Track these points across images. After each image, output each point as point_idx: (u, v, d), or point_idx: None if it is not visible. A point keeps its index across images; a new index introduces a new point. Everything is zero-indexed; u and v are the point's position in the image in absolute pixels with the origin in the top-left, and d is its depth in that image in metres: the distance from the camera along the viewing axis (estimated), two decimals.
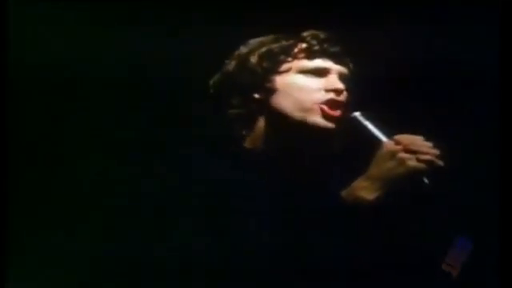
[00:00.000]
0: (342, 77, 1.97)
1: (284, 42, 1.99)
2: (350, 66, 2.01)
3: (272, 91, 1.96)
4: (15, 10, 2.44)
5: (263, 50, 1.98)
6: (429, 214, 2.37)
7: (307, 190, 1.89)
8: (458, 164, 1.90)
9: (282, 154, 1.95)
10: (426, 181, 1.80)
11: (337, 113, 1.92)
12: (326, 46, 1.97)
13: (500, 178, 2.28)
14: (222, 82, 2.01)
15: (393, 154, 1.81)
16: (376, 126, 1.89)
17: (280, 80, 1.96)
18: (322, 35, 1.99)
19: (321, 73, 1.96)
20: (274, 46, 1.98)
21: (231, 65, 2.01)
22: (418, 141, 1.83)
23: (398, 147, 1.81)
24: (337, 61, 1.98)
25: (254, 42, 2.02)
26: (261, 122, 1.98)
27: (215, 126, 2.02)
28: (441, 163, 1.80)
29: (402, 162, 1.79)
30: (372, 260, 1.86)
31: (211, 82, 2.03)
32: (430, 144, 1.82)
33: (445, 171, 1.80)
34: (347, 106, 1.94)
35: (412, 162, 1.79)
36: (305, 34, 2.00)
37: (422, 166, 1.79)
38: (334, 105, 1.92)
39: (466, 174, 2.49)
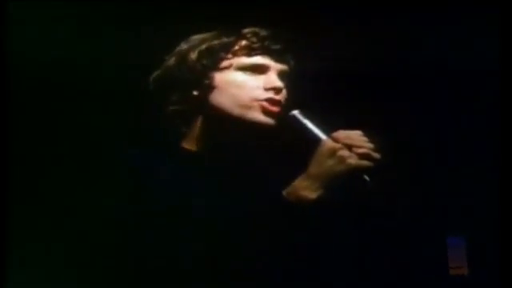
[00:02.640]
0: (281, 74, 1.95)
1: (225, 39, 1.96)
2: (291, 63, 1.99)
3: (211, 88, 1.94)
4: (15, 9, 2.44)
5: (203, 46, 1.96)
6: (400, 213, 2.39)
7: (247, 188, 1.88)
8: (395, 161, 1.90)
9: (221, 152, 1.93)
10: (366, 178, 1.78)
11: (276, 108, 1.91)
12: (266, 43, 1.95)
13: (500, 178, 2.29)
14: (162, 78, 1.99)
15: (332, 152, 1.79)
16: (315, 124, 1.87)
17: (219, 77, 1.94)
18: (262, 32, 1.97)
19: (260, 70, 1.94)
20: (215, 42, 1.96)
21: (171, 61, 1.99)
22: (353, 135, 1.81)
23: (338, 145, 1.79)
24: (277, 58, 1.96)
25: (194, 38, 2.00)
26: (200, 120, 1.96)
27: (155, 123, 2.00)
28: (377, 155, 1.78)
29: (342, 159, 1.78)
30: (318, 259, 1.86)
31: (151, 78, 2.00)
32: (365, 138, 1.81)
33: (386, 169, 1.79)
34: (286, 104, 1.92)
35: (352, 160, 1.77)
36: (245, 30, 1.97)
37: (362, 163, 1.77)
38: (272, 103, 1.91)
39: (466, 174, 2.50)
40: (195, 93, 1.95)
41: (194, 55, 1.96)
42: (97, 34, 2.51)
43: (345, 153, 1.78)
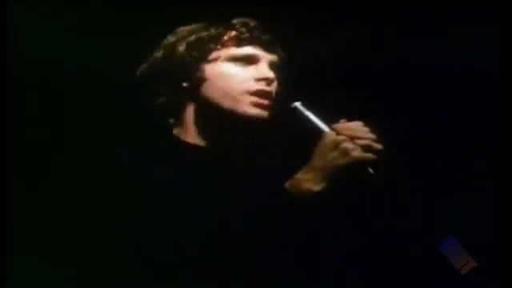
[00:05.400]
0: (272, 65, 1.94)
1: (213, 31, 1.94)
2: (281, 54, 1.97)
3: (201, 80, 1.92)
4: (15, 9, 2.43)
5: (191, 38, 1.94)
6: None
7: (249, 181, 1.86)
8: (401, 154, 1.89)
9: (212, 144, 1.92)
10: (370, 171, 1.76)
11: (266, 102, 1.89)
12: (256, 33, 1.93)
13: (500, 178, 2.29)
14: (150, 70, 1.96)
15: (336, 144, 1.77)
16: (317, 115, 1.85)
17: (209, 68, 1.92)
18: (251, 23, 1.95)
19: (251, 61, 1.92)
20: (203, 34, 1.94)
21: (159, 53, 1.96)
22: (354, 126, 1.80)
23: (341, 137, 1.77)
24: (267, 49, 1.94)
25: (181, 30, 1.98)
26: (190, 112, 1.94)
27: (143, 116, 1.99)
28: (379, 146, 1.77)
29: (346, 152, 1.76)
30: (322, 252, 1.86)
31: (139, 71, 1.98)
32: (366, 129, 1.79)
33: (389, 162, 1.77)
34: (277, 95, 1.91)
35: (356, 153, 1.75)
36: (234, 21, 1.95)
37: (366, 156, 1.76)
38: (263, 94, 1.89)
39: (466, 174, 2.50)
40: (185, 84, 1.93)
41: (182, 47, 1.93)
42: (97, 33, 2.51)
43: (349, 145, 1.76)
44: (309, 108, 1.87)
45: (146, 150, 1.90)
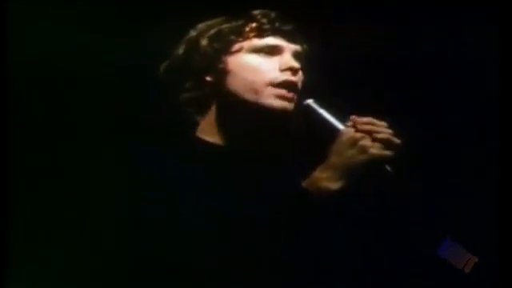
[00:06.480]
0: (296, 55, 1.91)
1: (234, 23, 1.92)
2: (304, 45, 1.94)
3: (224, 72, 1.89)
4: (15, 9, 2.44)
5: (212, 31, 1.92)
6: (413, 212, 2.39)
7: (266, 180, 1.84)
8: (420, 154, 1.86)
9: (238, 142, 1.89)
10: (388, 169, 1.74)
11: (291, 94, 1.86)
12: (277, 24, 1.91)
13: (499, 179, 2.29)
14: (173, 66, 1.95)
15: (353, 142, 1.74)
16: (330, 112, 1.83)
17: (232, 61, 1.89)
18: (272, 14, 1.92)
19: (274, 51, 1.89)
20: (224, 26, 1.92)
21: (181, 49, 1.95)
22: (371, 121, 1.78)
23: (359, 134, 1.75)
24: (290, 39, 1.91)
25: (202, 25, 1.96)
26: (214, 106, 1.92)
27: (168, 112, 1.98)
28: (397, 141, 1.75)
29: (364, 149, 1.73)
30: (341, 251, 1.85)
31: (162, 67, 1.97)
32: (384, 123, 1.77)
33: (407, 159, 1.76)
34: (302, 87, 1.88)
35: (374, 150, 1.73)
36: (255, 12, 1.93)
37: (384, 153, 1.73)
38: (288, 85, 1.86)
39: (466, 174, 2.50)
40: (208, 78, 1.91)
41: (204, 41, 1.92)
42: (97, 31, 2.51)
43: (367, 142, 1.74)
44: (321, 104, 1.84)
45: (159, 149, 1.87)
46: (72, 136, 2.53)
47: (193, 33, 1.96)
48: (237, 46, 1.90)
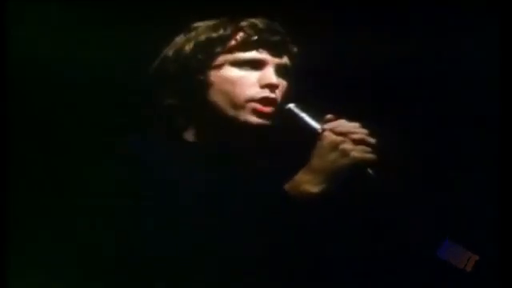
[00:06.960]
0: (279, 69, 1.91)
1: (222, 31, 1.91)
2: (290, 57, 1.94)
3: (206, 85, 1.90)
4: (15, 9, 2.44)
5: (200, 38, 1.92)
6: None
7: (248, 183, 1.85)
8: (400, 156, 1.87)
9: (220, 147, 1.91)
10: (370, 172, 1.76)
11: (269, 109, 1.87)
12: (265, 35, 1.90)
13: (499, 179, 2.29)
14: (161, 68, 1.95)
15: (334, 146, 1.76)
16: (312, 116, 1.85)
17: (214, 73, 1.90)
18: (260, 24, 1.91)
19: (257, 65, 1.89)
20: (212, 35, 1.91)
21: (169, 52, 1.95)
22: (343, 122, 1.80)
23: (340, 138, 1.76)
24: (275, 52, 1.91)
25: (192, 27, 1.96)
26: (194, 114, 1.93)
27: (156, 114, 1.97)
28: (372, 140, 1.76)
29: (345, 152, 1.75)
30: (322, 254, 1.86)
31: (152, 68, 1.98)
32: (356, 124, 1.78)
33: (389, 162, 1.77)
34: (282, 100, 1.89)
35: (356, 153, 1.74)
36: (243, 23, 1.92)
37: (366, 156, 1.75)
38: (267, 101, 1.87)
39: (466, 174, 2.50)
40: (190, 88, 1.91)
41: (189, 47, 1.91)
42: (97, 31, 2.51)
43: (348, 146, 1.75)
44: (303, 109, 1.86)
45: (148, 148, 1.89)
46: (72, 136, 2.54)
47: (182, 36, 1.96)
48: (221, 59, 1.90)
